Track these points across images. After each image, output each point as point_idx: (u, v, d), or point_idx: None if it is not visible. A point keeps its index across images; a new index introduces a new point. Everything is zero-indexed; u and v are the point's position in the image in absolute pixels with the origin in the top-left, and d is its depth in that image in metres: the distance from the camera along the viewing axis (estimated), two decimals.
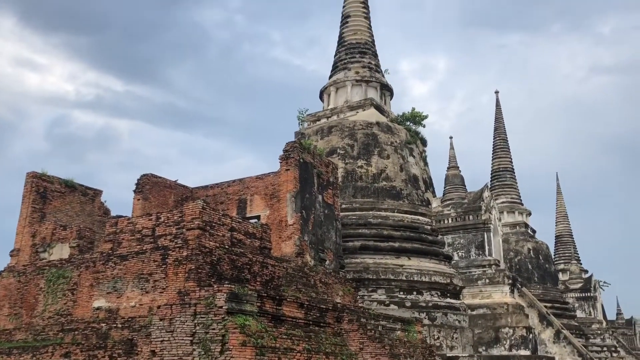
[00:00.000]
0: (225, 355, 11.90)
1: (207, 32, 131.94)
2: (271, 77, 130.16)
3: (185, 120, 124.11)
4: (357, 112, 28.99)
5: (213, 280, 14.11)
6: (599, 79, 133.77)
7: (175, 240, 14.75)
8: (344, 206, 25.43)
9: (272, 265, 16.30)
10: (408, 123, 30.18)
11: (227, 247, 15.26)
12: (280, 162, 19.52)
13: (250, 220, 18.75)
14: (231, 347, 11.89)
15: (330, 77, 31.54)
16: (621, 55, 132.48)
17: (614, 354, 40.62)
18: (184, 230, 14.74)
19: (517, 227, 42.38)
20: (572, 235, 56.11)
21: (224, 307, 12.31)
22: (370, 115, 28.68)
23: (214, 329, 12.22)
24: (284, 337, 13.38)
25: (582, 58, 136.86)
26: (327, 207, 21.10)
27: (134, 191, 21.22)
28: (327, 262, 20.22)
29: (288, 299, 14.34)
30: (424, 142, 30.52)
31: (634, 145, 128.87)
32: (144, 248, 15.15)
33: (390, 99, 31.83)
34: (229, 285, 12.79)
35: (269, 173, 20.24)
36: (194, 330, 12.39)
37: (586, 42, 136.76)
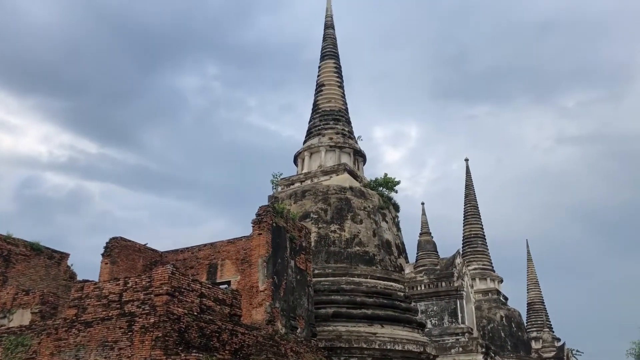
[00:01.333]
0: None
1: (184, 97, 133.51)
2: (247, 142, 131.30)
3: (158, 183, 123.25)
4: (331, 176, 29.26)
5: (180, 348, 13.65)
6: (564, 150, 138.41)
7: (143, 307, 14.33)
8: (316, 271, 25.16)
9: (242, 333, 15.88)
10: (381, 188, 30.50)
11: (196, 313, 14.87)
12: (253, 226, 19.38)
13: (221, 286, 18.38)
14: None
15: (305, 142, 31.99)
16: (585, 127, 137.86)
17: None
18: (152, 295, 14.36)
19: (489, 294, 42.38)
20: (544, 303, 56.28)
21: None
22: (344, 180, 28.95)
23: None
24: None
25: (548, 129, 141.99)
26: (300, 273, 20.85)
27: (102, 255, 20.73)
28: (299, 330, 19.79)
29: None
30: (396, 208, 30.76)
31: (598, 214, 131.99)
32: (110, 314, 14.65)
33: (364, 165, 32.30)
34: (197, 355, 12.38)
35: (241, 237, 20.03)
36: None
37: (551, 114, 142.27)
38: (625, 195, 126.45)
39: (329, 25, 34.44)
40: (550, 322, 54.97)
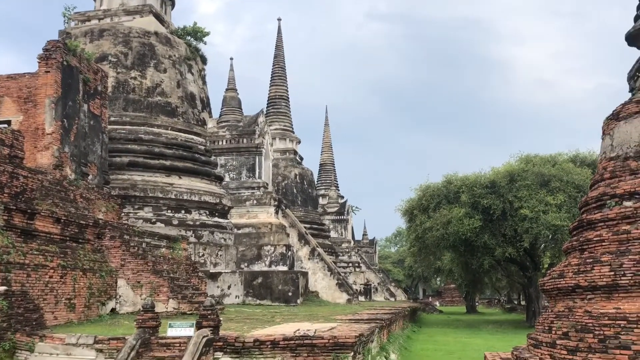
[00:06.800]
0: None
1: None
2: None
3: None
4: (134, 17, 26.89)
5: None
6: (373, 26, 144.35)
7: None
8: (113, 119, 23.85)
9: (24, 177, 14.67)
10: (189, 38, 29.03)
11: None
12: (39, 63, 17.28)
13: None
14: None
15: None
16: (395, 5, 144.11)
17: (357, 269, 46.34)
18: None
19: (287, 153, 44.67)
20: (334, 165, 61.23)
21: None
22: (149, 23, 26.86)
23: None
24: (35, 253, 12.36)
25: (361, 4, 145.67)
26: (93, 118, 19.53)
27: None
28: (90, 177, 18.94)
29: (42, 213, 13.18)
30: (204, 60, 29.76)
31: (396, 90, 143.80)
32: None
33: (172, 9, 30.14)
34: None
35: (24, 73, 17.79)
36: None
37: None
38: (421, 76, 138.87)
39: None
40: (337, 182, 60.38)
